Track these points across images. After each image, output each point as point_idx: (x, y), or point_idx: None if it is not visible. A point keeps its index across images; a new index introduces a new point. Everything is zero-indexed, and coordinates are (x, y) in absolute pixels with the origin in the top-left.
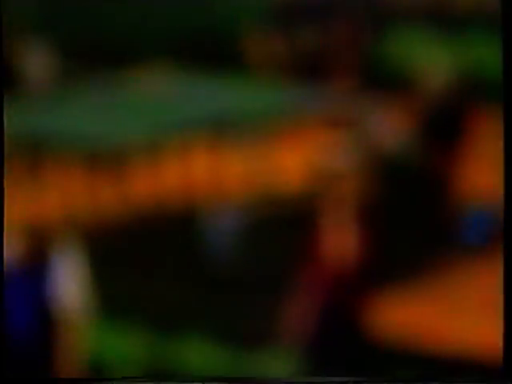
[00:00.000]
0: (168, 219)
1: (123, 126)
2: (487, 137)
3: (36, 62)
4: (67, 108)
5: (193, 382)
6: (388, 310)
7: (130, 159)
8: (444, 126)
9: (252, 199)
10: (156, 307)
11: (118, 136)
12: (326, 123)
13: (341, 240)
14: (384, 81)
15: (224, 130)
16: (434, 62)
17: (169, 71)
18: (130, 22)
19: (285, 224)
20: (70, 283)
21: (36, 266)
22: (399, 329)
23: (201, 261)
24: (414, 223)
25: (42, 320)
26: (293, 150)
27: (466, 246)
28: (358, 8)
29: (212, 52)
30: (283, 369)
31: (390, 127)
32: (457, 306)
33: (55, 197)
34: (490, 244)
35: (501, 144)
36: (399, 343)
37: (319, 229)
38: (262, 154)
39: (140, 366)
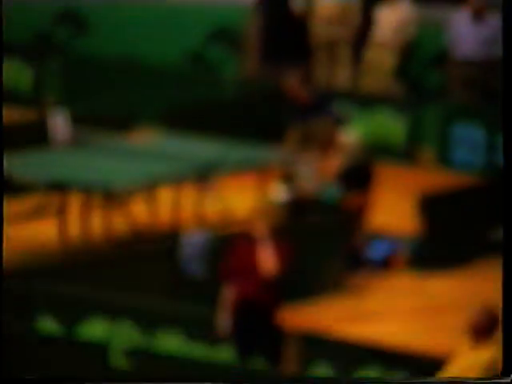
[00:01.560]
0: (162, 237)
1: (128, 172)
2: (390, 185)
3: (60, 123)
4: (82, 158)
5: (191, 381)
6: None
7: (133, 197)
8: (356, 179)
9: (216, 223)
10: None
11: (124, 180)
12: (275, 171)
13: (271, 251)
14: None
15: (204, 175)
16: (351, 131)
17: (161, 132)
18: (131, 100)
19: (234, 239)
20: None
21: None
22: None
23: (179, 263)
24: (331, 246)
25: None
26: (249, 188)
27: (372, 266)
28: None
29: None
30: None
31: (317, 175)
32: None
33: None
34: (391, 264)
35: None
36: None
37: (257, 242)
38: (228, 193)
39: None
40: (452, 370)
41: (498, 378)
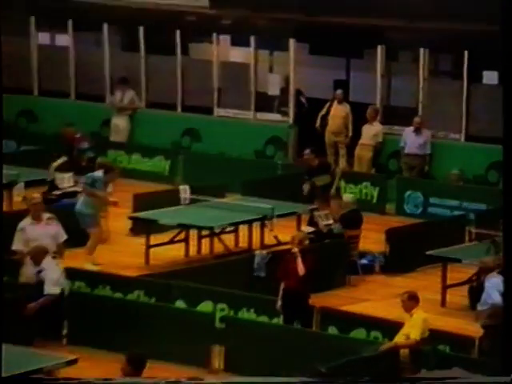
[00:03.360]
0: (242, 253)
1: (223, 218)
2: (369, 225)
3: (184, 192)
4: (197, 210)
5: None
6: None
7: (225, 232)
8: (352, 221)
9: (272, 247)
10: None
11: (220, 222)
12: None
13: (299, 262)
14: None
15: (265, 220)
16: (348, 195)
17: (241, 196)
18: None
19: (280, 256)
20: None
21: None
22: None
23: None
24: (335, 262)
25: None
26: (290, 227)
27: (362, 271)
28: None
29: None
30: None
31: (328, 220)
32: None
33: None
34: (374, 271)
35: None
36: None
37: (292, 256)
38: (278, 230)
39: None
40: (404, 329)
41: (498, 378)
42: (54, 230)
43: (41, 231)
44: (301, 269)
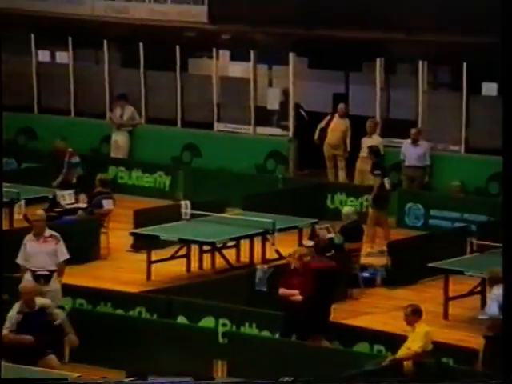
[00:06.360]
0: (243, 268)
1: (223, 233)
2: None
3: (185, 207)
4: (197, 226)
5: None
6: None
7: (226, 247)
8: (353, 234)
9: (273, 261)
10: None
11: (221, 237)
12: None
13: (298, 278)
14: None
15: (266, 234)
16: (348, 207)
17: (242, 211)
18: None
19: (283, 271)
20: None
21: None
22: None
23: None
24: (336, 278)
25: None
26: (292, 241)
27: (364, 284)
28: None
29: (259, 202)
30: None
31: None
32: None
33: None
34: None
35: None
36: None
37: (293, 273)
38: (279, 244)
39: None
40: (407, 343)
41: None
42: (52, 247)
43: (37, 248)
44: (300, 284)
